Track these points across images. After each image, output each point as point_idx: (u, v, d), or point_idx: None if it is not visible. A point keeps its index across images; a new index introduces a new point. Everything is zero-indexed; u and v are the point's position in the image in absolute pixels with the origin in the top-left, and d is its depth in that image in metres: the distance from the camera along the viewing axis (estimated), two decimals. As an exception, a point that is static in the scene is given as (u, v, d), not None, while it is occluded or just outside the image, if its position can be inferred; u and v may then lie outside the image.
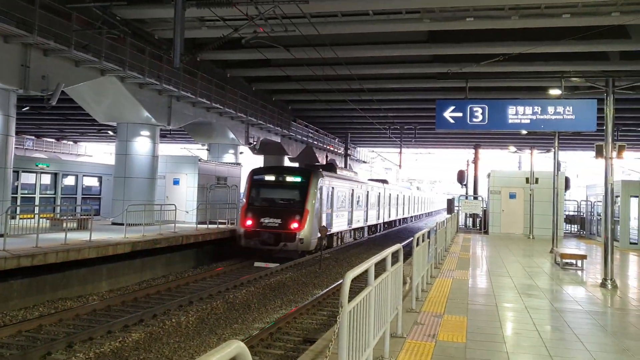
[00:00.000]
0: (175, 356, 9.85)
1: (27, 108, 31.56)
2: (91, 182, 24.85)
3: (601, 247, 12.92)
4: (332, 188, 24.37)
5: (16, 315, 12.01)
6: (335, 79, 25.85)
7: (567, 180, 28.20)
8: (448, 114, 12.22)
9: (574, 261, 14.50)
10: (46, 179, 21.97)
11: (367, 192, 32.02)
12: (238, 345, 2.10)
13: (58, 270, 13.76)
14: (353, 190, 28.33)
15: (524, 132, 14.89)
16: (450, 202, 34.14)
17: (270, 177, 22.57)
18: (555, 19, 18.20)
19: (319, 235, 21.41)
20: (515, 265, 14.47)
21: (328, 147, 46.93)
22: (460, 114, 12.14)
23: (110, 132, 38.98)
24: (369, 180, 36.29)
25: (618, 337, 7.24)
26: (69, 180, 23.30)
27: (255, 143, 31.86)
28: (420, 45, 22.55)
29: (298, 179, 22.22)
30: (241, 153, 33.43)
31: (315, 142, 43.75)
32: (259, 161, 49.62)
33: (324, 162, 43.85)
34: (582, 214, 29.20)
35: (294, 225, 21.01)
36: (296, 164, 44.20)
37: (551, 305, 9.33)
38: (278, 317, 12.72)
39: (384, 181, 40.26)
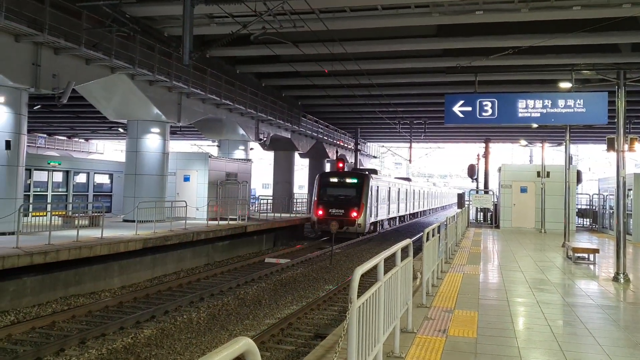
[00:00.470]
0: (187, 352, 9.91)
1: (39, 106, 31.72)
2: (102, 179, 24.99)
3: (613, 241, 12.83)
4: (378, 187, 31.39)
5: (30, 312, 12.13)
6: (344, 74, 25.81)
7: (578, 173, 28.01)
8: (457, 108, 12.15)
9: (586, 255, 14.40)
10: (58, 177, 22.13)
11: (398, 189, 39.25)
12: (246, 342, 2.11)
13: (70, 267, 13.88)
14: (390, 188, 35.72)
15: (535, 125, 14.76)
16: (460, 197, 33.99)
17: (334, 179, 29.91)
18: (565, 11, 18.04)
19: (334, 229, 24.62)
20: (527, 260, 14.40)
21: (338, 143, 46.87)
22: (469, 108, 12.07)
23: (121, 130, 39.17)
24: (397, 178, 42.83)
25: (630, 332, 7.19)
26: (81, 178, 23.46)
27: (265, 139, 31.88)
28: (429, 40, 22.45)
29: (355, 180, 29.45)
30: (251, 149, 33.46)
31: (326, 138, 43.71)
32: (269, 156, 49.78)
33: (334, 157, 43.95)
34: (594, 207, 28.98)
35: (354, 214, 28.36)
36: (306, 160, 44.74)
37: (563, 300, 9.28)
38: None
39: (408, 179, 47.57)
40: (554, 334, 6.94)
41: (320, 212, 28.57)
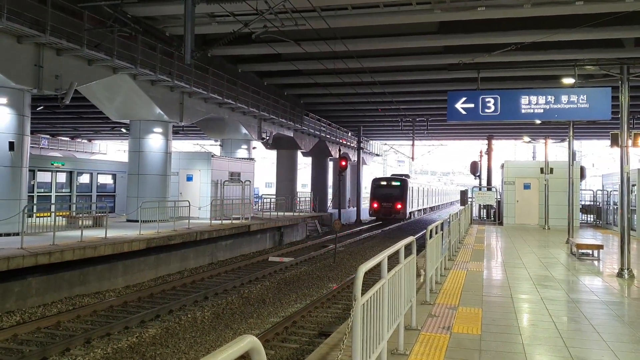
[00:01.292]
0: (192, 351, 9.93)
1: (42, 107, 31.84)
2: (106, 179, 25.04)
3: (618, 237, 12.79)
4: (412, 187, 45.74)
5: (35, 312, 12.17)
6: (346, 72, 25.77)
7: (582, 169, 27.90)
8: (460, 105, 12.14)
9: (590, 251, 14.36)
10: (62, 178, 22.17)
11: (423, 188, 53.68)
12: (251, 340, 2.10)
13: (75, 268, 13.92)
14: (418, 188, 50.31)
15: (538, 122, 14.71)
16: (463, 194, 33.93)
17: (384, 183, 43.73)
18: (568, 6, 17.97)
19: (337, 227, 24.95)
20: (531, 256, 14.37)
21: (341, 141, 46.84)
22: (472, 105, 12.05)
23: (124, 130, 39.25)
24: (421, 180, 55.79)
25: (635, 327, 7.17)
26: (84, 178, 23.50)
27: (268, 138, 31.87)
28: (431, 37, 22.39)
29: (399, 183, 43.35)
30: (254, 148, 33.47)
31: (328, 136, 43.70)
32: (272, 155, 49.81)
33: (337, 156, 44.03)
34: (598, 203, 28.90)
35: (399, 206, 42.19)
36: (309, 159, 44.91)
37: (567, 296, 9.26)
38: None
39: (427, 181, 63.42)
40: (559, 330, 6.93)
41: (375, 205, 42.38)
